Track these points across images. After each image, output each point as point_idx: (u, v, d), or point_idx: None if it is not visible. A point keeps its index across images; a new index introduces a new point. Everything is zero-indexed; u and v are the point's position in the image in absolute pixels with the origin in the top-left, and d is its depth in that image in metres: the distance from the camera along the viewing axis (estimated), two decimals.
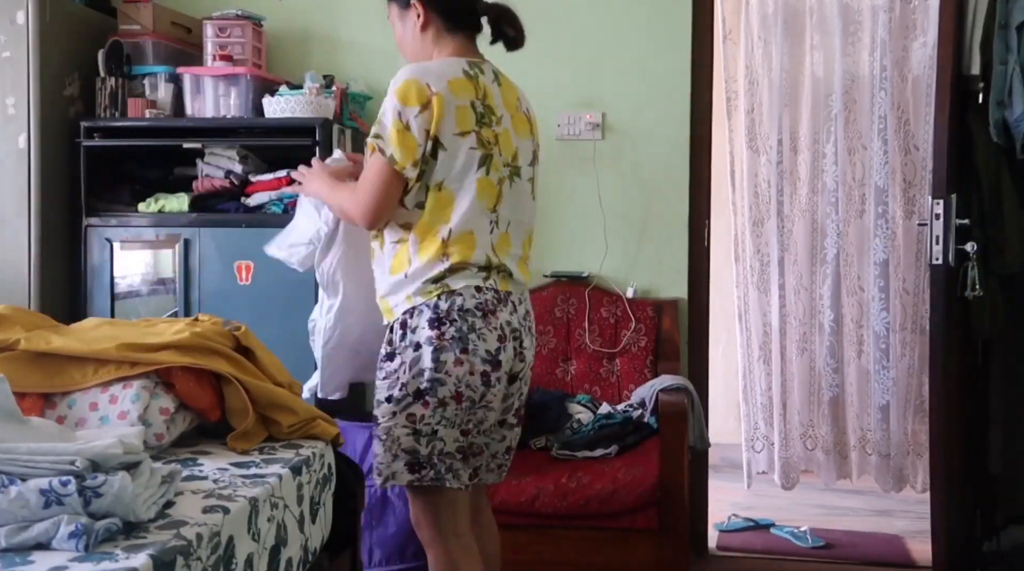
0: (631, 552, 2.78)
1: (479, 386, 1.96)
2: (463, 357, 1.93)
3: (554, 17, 3.49)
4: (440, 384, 1.93)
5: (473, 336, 1.94)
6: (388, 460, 2.00)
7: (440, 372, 1.93)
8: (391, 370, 1.98)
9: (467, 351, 1.93)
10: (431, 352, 1.93)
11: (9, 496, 1.39)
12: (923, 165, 3.68)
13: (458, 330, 1.93)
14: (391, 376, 1.98)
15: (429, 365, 1.93)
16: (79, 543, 1.35)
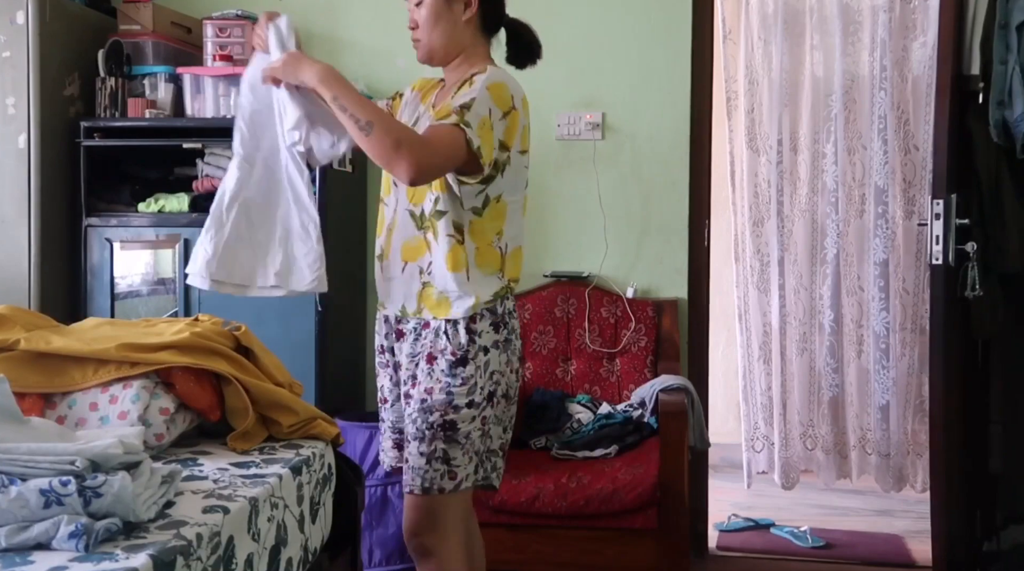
0: (631, 552, 2.78)
1: (514, 383, 2.07)
2: (511, 357, 2.04)
3: (554, 17, 3.48)
4: (498, 385, 2.01)
5: (514, 336, 2.05)
6: (465, 463, 1.99)
7: (502, 373, 2.01)
8: (468, 375, 1.96)
9: (513, 350, 2.05)
10: (497, 355, 2.00)
11: (9, 496, 1.39)
12: (923, 165, 3.69)
13: (509, 332, 2.03)
14: (469, 381, 1.96)
15: (497, 368, 2.00)
16: (79, 543, 1.35)
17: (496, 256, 2.00)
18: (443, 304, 1.98)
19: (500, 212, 1.99)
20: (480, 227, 1.97)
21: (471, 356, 1.96)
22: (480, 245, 1.97)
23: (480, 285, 1.97)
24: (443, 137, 1.84)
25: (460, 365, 1.96)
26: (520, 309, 3.40)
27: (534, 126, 3.53)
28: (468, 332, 1.96)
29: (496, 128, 1.91)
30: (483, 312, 1.98)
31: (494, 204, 1.98)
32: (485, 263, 1.98)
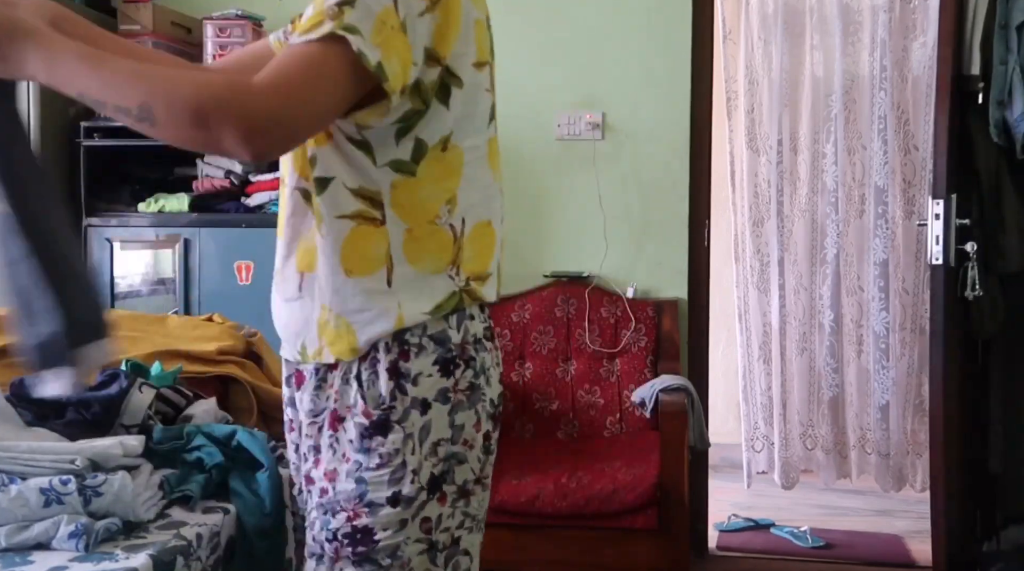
0: (631, 552, 2.78)
1: (482, 455, 1.29)
2: (477, 411, 1.26)
3: (554, 17, 3.49)
4: (460, 462, 1.24)
5: (483, 380, 1.27)
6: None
7: (458, 442, 1.24)
8: (390, 450, 1.20)
9: (479, 403, 1.26)
10: (447, 413, 1.22)
11: (9, 495, 1.39)
12: (923, 165, 3.69)
13: (477, 372, 1.26)
14: (392, 460, 1.21)
15: (445, 435, 1.23)
16: (79, 543, 1.35)
17: (443, 240, 1.24)
18: (342, 335, 1.22)
19: (449, 166, 1.23)
20: (411, 194, 1.21)
21: (396, 417, 1.20)
22: (413, 224, 1.22)
23: (409, 292, 1.22)
24: (298, 65, 1.09)
25: (377, 433, 1.21)
26: (520, 309, 3.40)
27: (534, 125, 3.58)
28: (393, 375, 1.21)
29: (414, 29, 1.15)
30: (418, 340, 1.22)
31: (436, 154, 1.22)
32: (422, 254, 1.22)
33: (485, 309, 1.32)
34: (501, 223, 1.35)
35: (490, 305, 1.33)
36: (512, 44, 3.51)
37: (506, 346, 3.38)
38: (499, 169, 1.35)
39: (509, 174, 3.82)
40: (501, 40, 3.86)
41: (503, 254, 1.38)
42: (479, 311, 1.29)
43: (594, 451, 3.07)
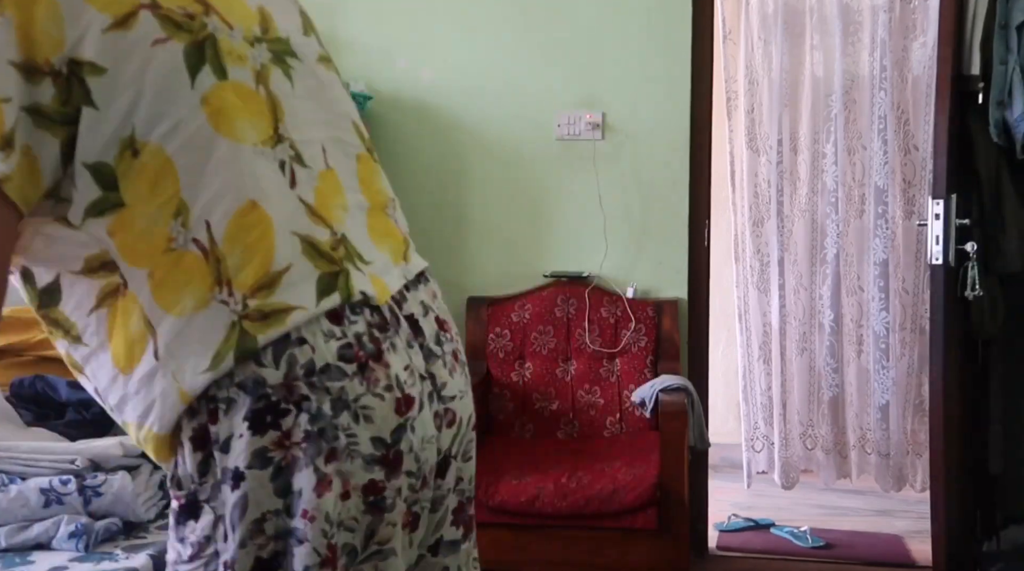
0: (631, 552, 2.78)
1: (360, 516, 0.98)
2: (319, 468, 0.94)
3: (554, 17, 3.49)
4: (298, 542, 0.94)
5: (345, 418, 0.95)
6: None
7: (294, 515, 0.94)
8: (199, 539, 0.96)
9: (335, 454, 0.94)
10: (269, 478, 0.93)
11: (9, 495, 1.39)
12: (923, 165, 3.69)
13: (312, 418, 0.93)
14: (202, 550, 0.97)
15: (274, 505, 0.94)
16: (79, 543, 1.35)
17: (191, 264, 0.93)
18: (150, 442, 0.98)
19: (152, 171, 0.92)
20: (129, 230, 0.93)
21: (204, 496, 0.96)
22: (151, 265, 0.93)
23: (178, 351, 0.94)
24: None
25: (189, 517, 0.97)
26: (520, 309, 3.40)
27: (534, 125, 3.58)
28: (199, 445, 0.95)
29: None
30: (226, 392, 0.93)
31: (126, 166, 0.92)
32: (175, 296, 0.94)
33: (355, 316, 0.98)
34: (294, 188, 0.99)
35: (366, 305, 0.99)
36: (512, 44, 3.52)
37: (506, 346, 3.38)
38: (257, 116, 0.99)
39: (509, 174, 3.85)
40: (501, 40, 3.86)
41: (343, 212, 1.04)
42: (331, 323, 0.95)
43: (594, 451, 3.07)
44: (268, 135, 0.99)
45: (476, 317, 3.43)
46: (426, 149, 3.56)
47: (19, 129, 0.86)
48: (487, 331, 3.40)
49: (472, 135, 3.54)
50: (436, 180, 3.56)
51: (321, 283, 0.96)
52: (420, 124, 3.56)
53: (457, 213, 3.56)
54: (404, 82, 3.55)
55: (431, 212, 3.56)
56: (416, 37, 3.55)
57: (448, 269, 3.54)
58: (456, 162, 3.55)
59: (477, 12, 3.53)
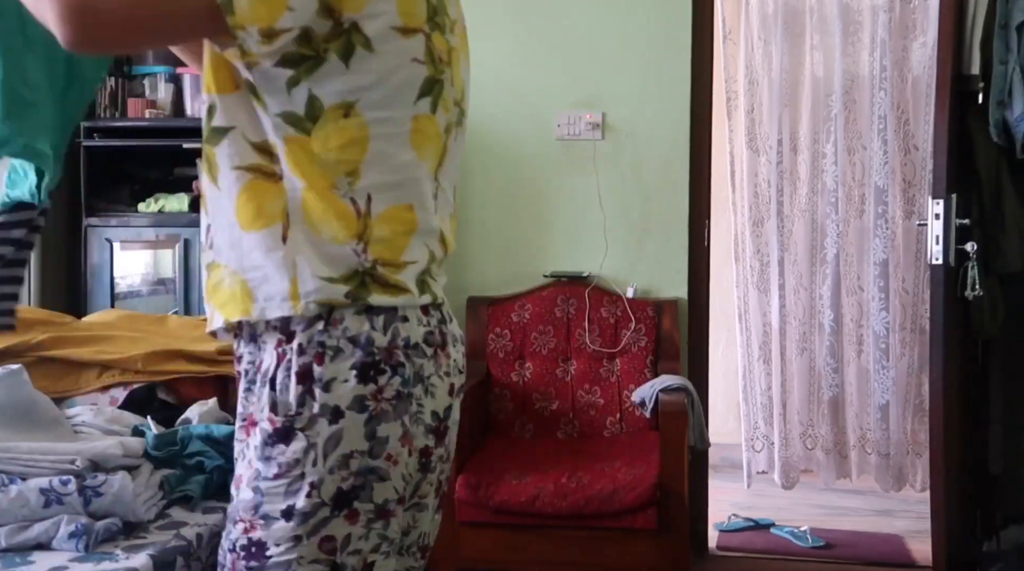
0: (631, 552, 2.78)
1: (415, 472, 1.18)
2: (405, 424, 1.14)
3: (554, 17, 3.49)
4: (380, 479, 1.12)
5: (419, 389, 1.15)
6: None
7: (379, 456, 1.12)
8: (289, 460, 1.10)
9: (411, 417, 1.14)
10: (364, 423, 1.10)
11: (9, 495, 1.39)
12: (923, 165, 3.69)
13: (404, 381, 1.13)
14: (288, 471, 1.11)
15: (361, 446, 1.11)
16: (79, 543, 1.35)
17: (344, 211, 1.12)
18: (236, 295, 1.15)
19: (350, 135, 1.12)
20: (306, 153, 1.12)
21: (300, 425, 1.10)
22: (311, 185, 1.12)
23: (304, 253, 1.12)
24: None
25: (280, 441, 1.11)
26: (520, 309, 3.40)
27: (534, 125, 3.58)
28: (303, 379, 1.11)
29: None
30: (336, 341, 1.11)
31: (334, 118, 1.12)
32: (321, 218, 1.12)
33: (434, 312, 1.20)
34: (435, 213, 1.23)
35: (438, 307, 1.22)
36: (512, 44, 3.52)
37: (506, 346, 3.38)
38: (434, 152, 1.22)
39: (509, 174, 3.85)
40: (502, 40, 3.86)
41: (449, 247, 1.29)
42: (422, 313, 1.17)
43: (594, 451, 3.07)
44: (434, 169, 1.23)
45: (476, 317, 3.43)
46: None
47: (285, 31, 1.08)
48: (487, 331, 3.40)
49: (472, 135, 3.52)
50: None
51: (419, 282, 1.18)
52: None
53: (457, 213, 3.55)
54: None
55: None
56: None
57: (448, 269, 3.54)
58: None
59: (477, 12, 3.51)
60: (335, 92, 1.12)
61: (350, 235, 1.13)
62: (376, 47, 1.12)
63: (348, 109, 1.12)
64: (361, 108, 1.13)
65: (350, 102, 1.12)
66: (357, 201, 1.14)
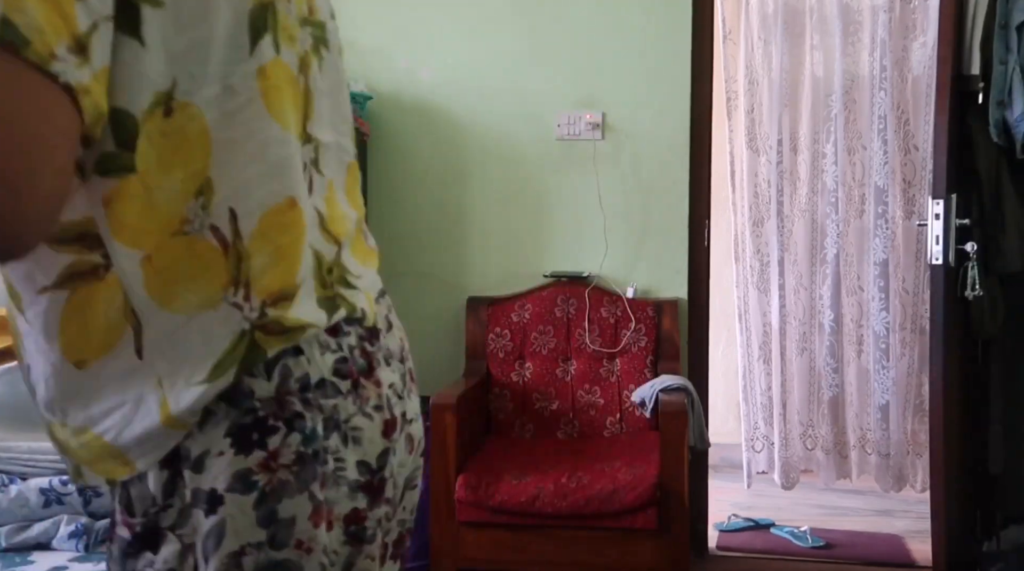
0: (631, 552, 2.78)
1: (341, 548, 0.87)
2: (313, 494, 0.83)
3: (554, 17, 3.49)
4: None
5: (335, 440, 0.85)
6: None
7: (285, 546, 0.82)
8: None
9: (325, 480, 0.84)
10: (253, 505, 0.81)
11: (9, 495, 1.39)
12: (923, 165, 3.69)
13: (306, 439, 0.83)
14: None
15: (255, 537, 0.81)
16: (79, 543, 1.35)
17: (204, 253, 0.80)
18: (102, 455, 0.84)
19: (183, 137, 0.78)
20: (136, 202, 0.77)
21: (168, 522, 0.82)
22: (150, 247, 0.78)
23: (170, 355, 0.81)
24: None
25: (144, 548, 0.82)
26: (520, 309, 3.41)
27: (534, 125, 3.58)
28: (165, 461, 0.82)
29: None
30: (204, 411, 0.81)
31: (154, 123, 0.76)
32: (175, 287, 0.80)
33: (348, 329, 0.88)
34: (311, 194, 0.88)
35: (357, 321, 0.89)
36: (512, 44, 3.52)
37: (506, 346, 3.38)
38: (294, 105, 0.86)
39: (509, 174, 3.84)
40: (501, 40, 3.86)
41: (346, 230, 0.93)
42: (327, 336, 0.85)
43: (594, 451, 3.07)
44: (299, 131, 0.87)
45: (476, 317, 3.43)
46: (426, 149, 3.56)
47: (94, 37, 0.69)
48: (487, 331, 3.40)
49: (472, 135, 3.54)
50: (436, 180, 3.56)
51: (321, 304, 0.86)
52: (420, 124, 3.56)
53: (457, 213, 3.56)
54: (404, 82, 3.55)
55: (431, 212, 3.56)
56: (416, 37, 3.55)
57: (448, 269, 3.55)
58: (456, 162, 3.55)
59: (477, 12, 3.53)
60: (138, 87, 0.75)
61: (220, 285, 0.80)
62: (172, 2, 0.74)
63: (166, 102, 0.76)
64: (183, 93, 0.77)
65: (164, 91, 0.76)
66: (218, 227, 0.79)
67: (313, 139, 0.89)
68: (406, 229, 3.56)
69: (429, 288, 3.55)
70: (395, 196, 3.54)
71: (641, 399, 3.11)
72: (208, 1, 0.77)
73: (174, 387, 0.79)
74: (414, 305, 3.54)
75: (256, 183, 0.81)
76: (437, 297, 3.54)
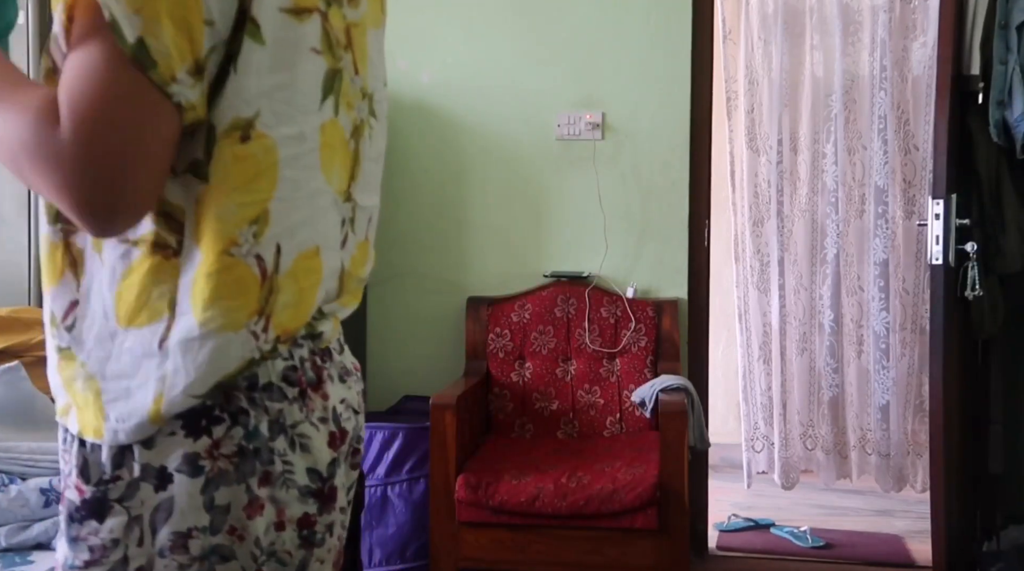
0: (631, 552, 2.78)
1: (294, 550, 0.91)
2: (251, 488, 0.87)
3: (554, 17, 3.49)
4: (222, 559, 0.86)
5: (281, 443, 0.88)
6: None
7: (220, 531, 0.86)
8: (104, 542, 0.85)
9: (270, 479, 0.88)
10: (200, 489, 0.85)
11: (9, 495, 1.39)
12: (923, 165, 3.69)
13: (248, 435, 0.86)
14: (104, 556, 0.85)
15: (199, 521, 0.85)
16: None
17: (244, 280, 0.85)
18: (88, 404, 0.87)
19: (254, 165, 0.84)
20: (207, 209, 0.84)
21: (116, 495, 0.85)
22: (207, 256, 0.84)
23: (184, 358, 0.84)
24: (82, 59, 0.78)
25: (90, 516, 0.85)
26: (520, 309, 3.41)
27: (534, 125, 3.58)
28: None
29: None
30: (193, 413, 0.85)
31: (230, 145, 0.83)
32: (213, 302, 0.84)
33: (303, 343, 0.91)
34: (341, 248, 0.95)
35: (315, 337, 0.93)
36: (512, 44, 3.52)
37: (506, 346, 3.38)
38: (343, 166, 0.94)
39: (509, 174, 3.85)
40: (501, 40, 3.86)
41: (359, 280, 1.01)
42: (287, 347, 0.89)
43: (594, 451, 3.07)
44: (343, 189, 0.95)
45: (476, 317, 3.43)
46: (426, 149, 3.56)
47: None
48: (487, 331, 3.40)
49: (472, 135, 3.54)
50: (436, 180, 3.56)
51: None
52: (420, 124, 3.56)
53: (457, 213, 3.56)
54: (404, 82, 3.55)
55: (431, 212, 3.56)
56: (416, 38, 3.55)
57: (448, 269, 3.55)
58: (456, 162, 3.55)
59: (477, 13, 3.53)
60: (226, 106, 0.82)
61: (248, 313, 0.85)
62: (267, 37, 0.82)
63: (246, 129, 0.82)
64: (263, 125, 0.83)
65: (246, 118, 0.82)
66: (263, 258, 0.85)
67: (352, 199, 0.97)
68: (406, 229, 3.56)
69: (429, 288, 3.55)
70: (395, 196, 3.54)
71: (641, 399, 3.11)
72: (299, 53, 0.86)
73: (173, 390, 0.84)
74: (414, 305, 3.54)
75: (301, 226, 0.89)
76: (437, 297, 3.54)
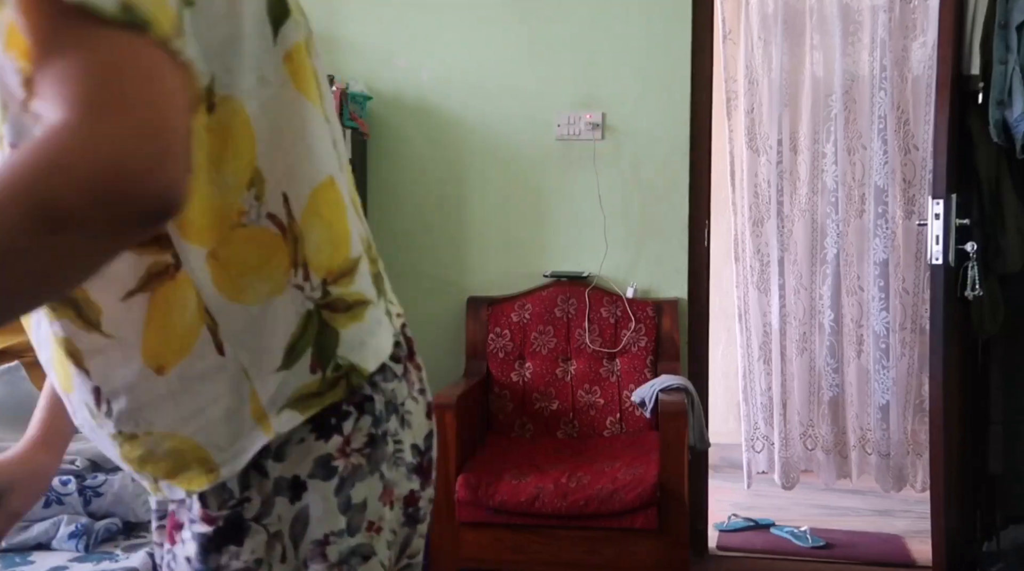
0: (631, 552, 2.78)
1: (400, 528, 0.89)
2: (383, 474, 0.85)
3: (554, 17, 3.49)
4: (363, 559, 0.84)
5: (394, 422, 0.87)
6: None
7: (359, 530, 0.83)
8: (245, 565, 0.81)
9: (386, 461, 0.86)
10: (333, 491, 0.82)
11: None
12: (923, 165, 3.69)
13: (376, 419, 0.85)
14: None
15: (337, 525, 0.82)
16: (79, 543, 1.36)
17: (265, 241, 0.80)
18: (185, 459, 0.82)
19: (229, 130, 0.77)
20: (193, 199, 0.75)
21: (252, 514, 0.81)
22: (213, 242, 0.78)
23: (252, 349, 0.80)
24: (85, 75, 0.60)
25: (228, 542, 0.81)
26: (520, 309, 3.41)
27: (534, 125, 3.58)
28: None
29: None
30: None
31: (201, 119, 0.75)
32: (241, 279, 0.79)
33: (392, 309, 0.91)
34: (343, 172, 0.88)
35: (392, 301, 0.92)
36: (512, 44, 3.52)
37: (506, 346, 3.38)
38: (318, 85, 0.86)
39: (509, 174, 3.84)
40: (501, 40, 3.86)
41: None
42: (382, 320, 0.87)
43: (594, 451, 3.07)
44: (322, 111, 0.87)
45: (476, 317, 3.43)
46: (426, 149, 3.56)
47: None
48: (487, 331, 3.40)
49: (472, 135, 3.54)
50: (436, 180, 3.56)
51: (373, 281, 0.88)
52: (420, 124, 3.56)
53: (457, 213, 3.56)
54: (404, 82, 3.55)
55: (431, 212, 3.56)
56: (416, 37, 3.55)
57: (448, 269, 3.55)
58: (456, 162, 3.55)
59: (477, 12, 3.53)
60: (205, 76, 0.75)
61: (284, 270, 0.79)
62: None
63: (208, 98, 0.75)
64: (223, 86, 0.76)
65: (204, 87, 0.75)
66: (275, 214, 0.79)
67: (330, 121, 0.89)
68: (406, 229, 3.56)
69: (429, 288, 3.55)
70: (395, 196, 3.54)
71: (641, 399, 3.11)
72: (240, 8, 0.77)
73: (260, 375, 0.79)
74: (414, 305, 3.54)
75: (301, 164, 0.82)
76: (437, 297, 3.54)
